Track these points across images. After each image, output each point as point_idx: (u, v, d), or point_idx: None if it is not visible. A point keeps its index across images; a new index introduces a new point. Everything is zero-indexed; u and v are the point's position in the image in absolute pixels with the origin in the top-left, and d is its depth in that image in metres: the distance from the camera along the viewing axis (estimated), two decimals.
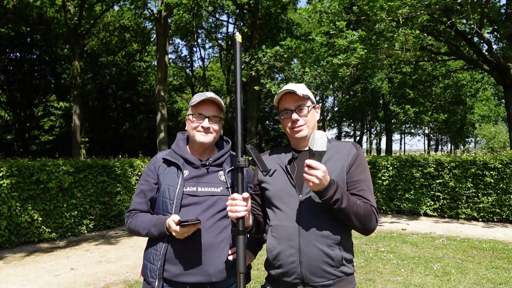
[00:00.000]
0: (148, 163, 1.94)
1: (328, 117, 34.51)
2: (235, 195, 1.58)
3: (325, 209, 1.57)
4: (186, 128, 1.93)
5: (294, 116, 1.68)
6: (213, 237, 1.75)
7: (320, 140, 1.46)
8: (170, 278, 1.74)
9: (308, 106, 1.71)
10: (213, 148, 1.94)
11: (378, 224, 1.67)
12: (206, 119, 1.83)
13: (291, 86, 1.71)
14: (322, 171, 1.44)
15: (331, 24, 8.78)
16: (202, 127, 1.82)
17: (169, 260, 1.74)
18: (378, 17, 8.09)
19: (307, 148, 1.73)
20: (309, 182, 1.46)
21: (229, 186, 1.83)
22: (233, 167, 1.87)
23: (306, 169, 1.46)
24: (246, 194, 1.58)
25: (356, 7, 8.70)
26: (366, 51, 8.07)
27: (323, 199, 1.49)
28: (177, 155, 1.87)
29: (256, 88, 11.90)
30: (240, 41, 1.67)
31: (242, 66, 13.08)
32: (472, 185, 9.07)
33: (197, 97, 1.84)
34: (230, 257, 1.74)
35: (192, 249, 1.72)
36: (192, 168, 1.84)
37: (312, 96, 1.76)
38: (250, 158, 1.63)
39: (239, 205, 1.56)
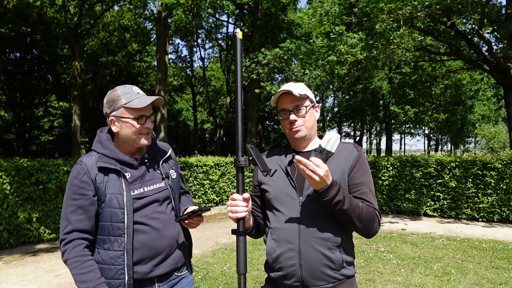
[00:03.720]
0: (74, 174, 1.68)
1: (328, 117, 34.50)
2: (236, 195, 1.56)
3: (326, 212, 1.56)
4: (117, 131, 1.74)
5: (292, 116, 1.66)
6: (173, 228, 1.81)
7: (333, 140, 1.45)
8: (140, 278, 1.71)
9: (306, 106, 1.68)
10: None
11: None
12: (148, 120, 1.74)
13: (288, 86, 1.68)
14: (324, 170, 1.43)
15: (332, 27, 8.78)
16: (146, 128, 1.74)
17: (138, 263, 1.70)
18: (379, 18, 8.08)
19: (307, 149, 1.72)
20: (310, 180, 1.45)
21: (164, 177, 1.82)
22: (162, 157, 1.88)
23: (308, 164, 1.43)
24: (246, 195, 1.56)
25: (356, 9, 8.69)
26: (365, 55, 8.07)
27: (324, 200, 1.47)
28: (111, 159, 1.71)
29: (257, 91, 11.92)
30: (241, 37, 1.64)
31: (243, 70, 13.08)
32: (472, 185, 9.07)
33: (131, 97, 1.71)
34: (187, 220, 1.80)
35: (161, 245, 1.75)
36: (132, 169, 1.75)
37: (311, 95, 1.73)
38: (250, 158, 1.62)
39: (239, 206, 1.54)
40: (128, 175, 1.73)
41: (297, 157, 1.44)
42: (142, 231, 1.71)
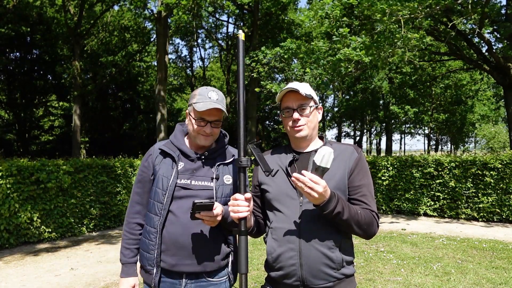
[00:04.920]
0: (146, 153, 1.97)
1: (328, 117, 34.48)
2: (237, 195, 1.57)
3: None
4: (186, 123, 1.93)
5: (295, 115, 1.66)
6: (207, 229, 1.79)
7: (327, 156, 1.44)
8: (167, 268, 1.79)
9: (311, 106, 1.69)
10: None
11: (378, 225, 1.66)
12: (209, 125, 1.82)
13: (294, 84, 1.69)
14: (323, 186, 1.42)
15: (334, 30, 8.76)
16: (204, 131, 1.83)
17: (165, 251, 1.79)
18: (380, 20, 8.08)
19: (308, 150, 1.73)
20: (309, 196, 1.44)
21: (214, 177, 1.85)
22: (224, 161, 1.90)
23: (306, 181, 1.42)
24: (248, 195, 1.58)
25: (357, 11, 8.68)
26: (370, 58, 8.06)
27: (324, 213, 1.48)
28: (174, 147, 1.89)
29: (257, 89, 11.91)
30: (243, 39, 1.65)
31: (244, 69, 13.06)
32: (472, 185, 9.07)
33: (201, 99, 1.81)
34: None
35: (186, 241, 1.77)
36: (188, 160, 1.86)
37: (315, 96, 1.73)
38: (252, 158, 1.62)
39: (241, 205, 1.55)
40: (182, 164, 1.86)
41: (295, 175, 1.44)
42: (172, 222, 1.78)
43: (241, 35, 1.63)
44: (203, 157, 1.86)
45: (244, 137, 1.63)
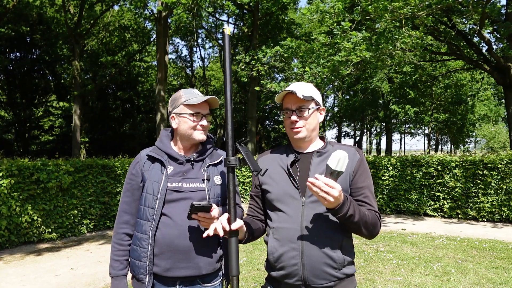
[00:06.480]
0: (133, 161, 1.95)
1: (328, 117, 34.47)
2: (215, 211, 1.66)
3: (328, 212, 1.58)
4: (176, 127, 1.89)
5: (293, 117, 1.66)
6: (201, 230, 1.77)
7: (343, 160, 1.43)
8: (160, 273, 1.77)
9: (310, 108, 1.68)
10: (198, 144, 1.96)
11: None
12: (204, 118, 1.87)
13: (294, 86, 1.68)
14: (338, 191, 1.42)
15: (334, 25, 8.74)
16: (201, 125, 1.85)
17: (159, 255, 1.77)
18: (382, 19, 8.07)
19: (308, 150, 1.73)
20: (324, 201, 1.44)
21: (205, 178, 1.85)
22: (212, 162, 1.91)
23: (322, 186, 1.41)
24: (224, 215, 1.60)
25: (359, 7, 8.66)
26: (370, 53, 8.04)
27: (338, 216, 1.49)
28: (161, 151, 1.88)
29: (257, 88, 11.90)
30: (229, 34, 1.64)
31: (243, 67, 13.10)
32: (472, 185, 9.07)
33: (190, 96, 1.86)
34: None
35: (182, 243, 1.75)
36: (177, 164, 1.86)
37: (317, 98, 1.72)
38: (241, 158, 1.61)
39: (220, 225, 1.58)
40: (171, 168, 1.85)
41: (310, 179, 1.43)
42: (167, 224, 1.77)
43: (227, 30, 1.63)
44: (191, 159, 1.87)
45: (232, 136, 1.61)
